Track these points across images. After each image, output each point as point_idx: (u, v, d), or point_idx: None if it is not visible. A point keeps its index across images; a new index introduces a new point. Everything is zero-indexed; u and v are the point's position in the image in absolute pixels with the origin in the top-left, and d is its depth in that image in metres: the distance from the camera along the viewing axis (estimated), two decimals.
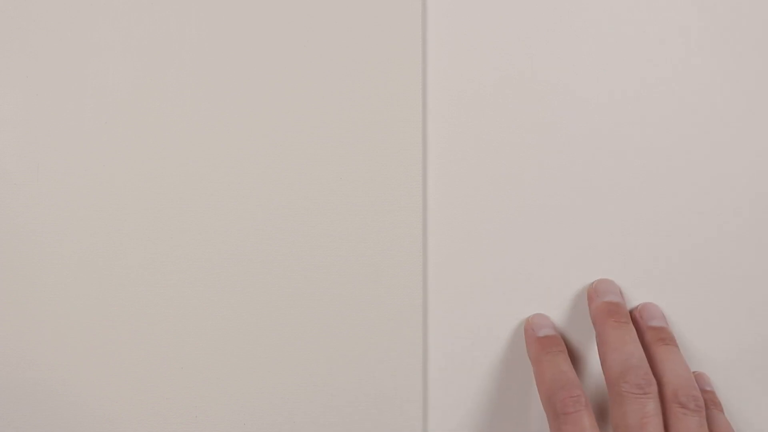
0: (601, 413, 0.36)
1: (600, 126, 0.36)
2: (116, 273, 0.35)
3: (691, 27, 0.36)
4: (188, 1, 0.35)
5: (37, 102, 0.34)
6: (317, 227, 0.35)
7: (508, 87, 0.36)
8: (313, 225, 0.35)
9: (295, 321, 0.36)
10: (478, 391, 0.37)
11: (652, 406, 0.31)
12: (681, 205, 0.36)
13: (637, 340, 0.34)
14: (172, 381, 0.36)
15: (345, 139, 0.35)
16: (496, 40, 0.36)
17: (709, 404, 0.34)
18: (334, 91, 0.35)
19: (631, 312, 0.36)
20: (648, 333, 0.35)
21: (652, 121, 0.36)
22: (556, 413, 0.32)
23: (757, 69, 0.36)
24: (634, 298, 0.37)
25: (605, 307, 0.34)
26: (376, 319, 0.36)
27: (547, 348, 0.34)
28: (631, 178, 0.36)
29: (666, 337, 0.34)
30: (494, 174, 0.36)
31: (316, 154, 0.35)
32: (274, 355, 0.36)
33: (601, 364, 0.33)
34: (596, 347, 0.34)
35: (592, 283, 0.36)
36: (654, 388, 0.31)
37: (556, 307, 0.37)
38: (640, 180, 0.36)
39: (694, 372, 0.36)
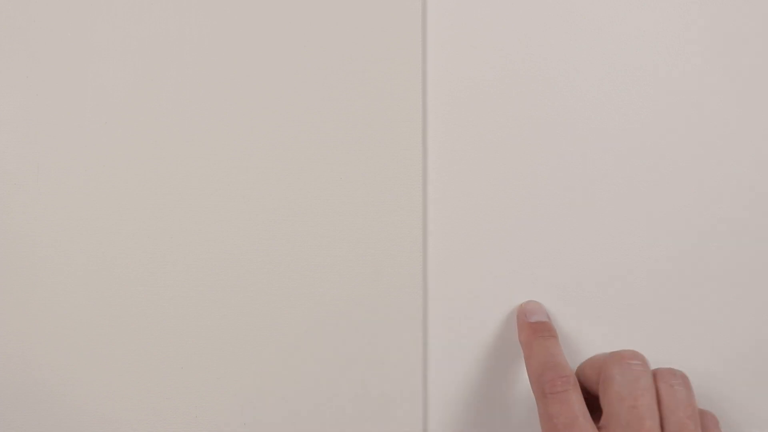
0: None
1: (600, 126, 0.36)
2: (116, 273, 0.35)
3: (691, 27, 0.36)
4: (188, 1, 0.35)
5: (37, 102, 0.34)
6: (317, 227, 0.35)
7: (508, 86, 0.36)
8: (313, 225, 0.35)
9: (295, 321, 0.36)
10: (478, 391, 0.37)
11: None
12: (681, 205, 0.36)
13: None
14: (172, 381, 0.36)
15: (345, 139, 0.35)
16: (496, 39, 0.36)
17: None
18: (334, 91, 0.35)
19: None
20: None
21: (652, 121, 0.36)
22: (543, 393, 0.32)
23: (757, 69, 0.36)
24: (635, 297, 0.37)
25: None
26: (376, 319, 0.36)
27: (538, 333, 0.34)
28: (631, 178, 0.36)
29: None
30: (494, 174, 0.36)
31: (316, 154, 0.35)
32: (274, 355, 0.36)
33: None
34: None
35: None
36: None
37: (555, 307, 0.37)
38: (640, 180, 0.36)
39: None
